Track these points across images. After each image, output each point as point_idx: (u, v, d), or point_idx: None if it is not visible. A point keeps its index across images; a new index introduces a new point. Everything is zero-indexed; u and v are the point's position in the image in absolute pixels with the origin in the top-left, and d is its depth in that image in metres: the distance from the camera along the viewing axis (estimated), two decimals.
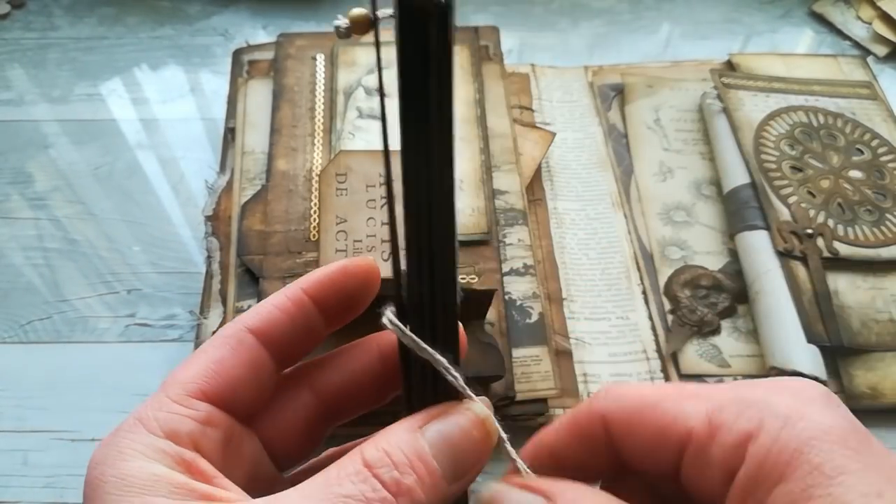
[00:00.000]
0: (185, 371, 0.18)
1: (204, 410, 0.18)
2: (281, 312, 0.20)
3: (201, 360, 0.18)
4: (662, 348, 0.39)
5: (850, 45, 0.55)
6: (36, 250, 0.44)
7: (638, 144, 0.48)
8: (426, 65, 0.15)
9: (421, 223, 0.17)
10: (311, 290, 0.20)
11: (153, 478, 0.16)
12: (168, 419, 0.17)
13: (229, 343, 0.19)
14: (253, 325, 0.19)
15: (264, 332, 0.19)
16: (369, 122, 0.44)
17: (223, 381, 0.18)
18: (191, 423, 0.17)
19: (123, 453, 0.16)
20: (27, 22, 0.56)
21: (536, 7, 0.58)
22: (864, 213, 0.43)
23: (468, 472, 0.18)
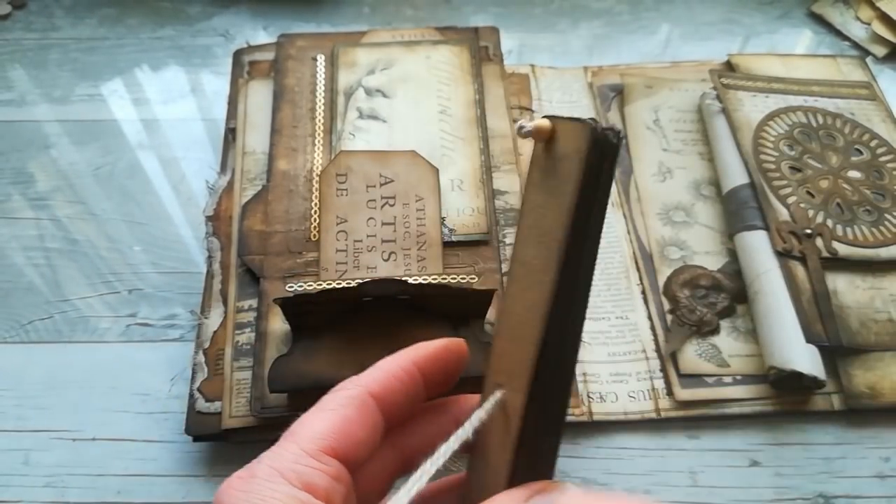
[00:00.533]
0: (315, 425, 0.20)
1: (335, 467, 0.19)
2: (396, 382, 0.21)
3: (330, 417, 0.20)
4: (662, 348, 0.39)
5: (849, 45, 0.55)
6: (37, 250, 0.44)
7: (637, 145, 0.48)
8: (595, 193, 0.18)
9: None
10: (421, 363, 0.22)
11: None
12: (306, 473, 0.18)
13: (355, 404, 0.20)
14: (374, 391, 0.21)
15: (382, 398, 0.21)
16: (369, 122, 0.44)
17: (349, 440, 0.20)
18: (326, 478, 0.19)
19: (269, 502, 0.17)
20: (28, 22, 0.56)
21: (536, 8, 0.58)
22: (862, 213, 0.43)
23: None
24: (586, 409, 0.37)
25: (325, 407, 0.20)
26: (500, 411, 0.20)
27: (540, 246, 0.19)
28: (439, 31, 0.49)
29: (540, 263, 0.19)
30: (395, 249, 0.39)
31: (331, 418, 0.20)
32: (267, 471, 0.18)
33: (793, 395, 0.38)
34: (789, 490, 0.36)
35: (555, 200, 0.18)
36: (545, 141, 0.19)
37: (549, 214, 0.19)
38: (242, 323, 0.38)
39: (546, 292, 0.18)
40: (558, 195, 0.18)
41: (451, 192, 0.41)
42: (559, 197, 0.18)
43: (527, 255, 0.20)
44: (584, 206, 0.18)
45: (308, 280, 0.38)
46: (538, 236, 0.19)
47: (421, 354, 0.22)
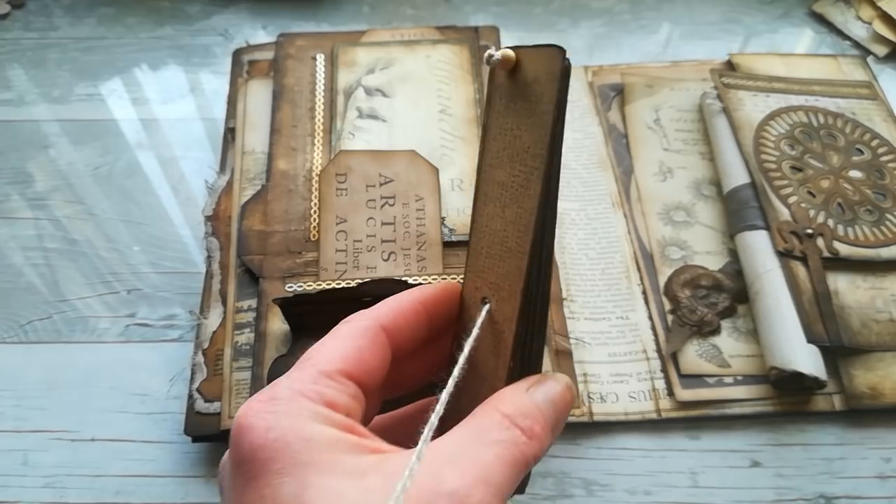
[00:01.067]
0: (331, 351, 0.21)
1: (352, 388, 0.20)
2: (404, 320, 0.23)
3: (345, 345, 0.21)
4: (662, 348, 0.39)
5: (850, 45, 0.55)
6: (36, 250, 0.44)
7: (638, 144, 0.48)
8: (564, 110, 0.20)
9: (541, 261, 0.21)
10: (427, 303, 0.24)
11: (334, 437, 0.18)
12: (326, 392, 0.19)
13: (368, 335, 0.22)
14: (385, 325, 0.22)
15: (391, 332, 0.22)
16: (369, 122, 0.44)
17: (363, 367, 0.21)
18: (346, 397, 0.20)
19: (297, 418, 0.18)
20: (27, 22, 0.56)
21: (536, 7, 0.58)
22: (864, 213, 0.43)
23: (561, 425, 0.22)
24: (587, 409, 0.37)
25: (338, 335, 0.22)
26: (489, 324, 0.22)
27: (518, 164, 0.21)
28: (439, 31, 0.49)
29: (521, 180, 0.20)
30: (394, 249, 0.39)
31: (346, 345, 0.21)
32: (287, 392, 0.19)
33: (794, 395, 0.38)
34: (790, 491, 0.35)
35: (530, 121, 0.20)
36: (508, 70, 0.20)
37: (525, 135, 0.20)
38: (242, 323, 0.38)
39: (533, 205, 0.20)
40: (534, 115, 0.20)
41: (451, 191, 0.41)
42: (536, 116, 0.20)
43: (501, 175, 0.21)
44: (560, 122, 0.20)
45: (308, 280, 0.38)
46: (513, 156, 0.21)
47: (427, 295, 0.24)
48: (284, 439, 0.18)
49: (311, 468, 0.17)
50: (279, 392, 0.19)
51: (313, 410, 0.19)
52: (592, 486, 0.36)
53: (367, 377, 0.21)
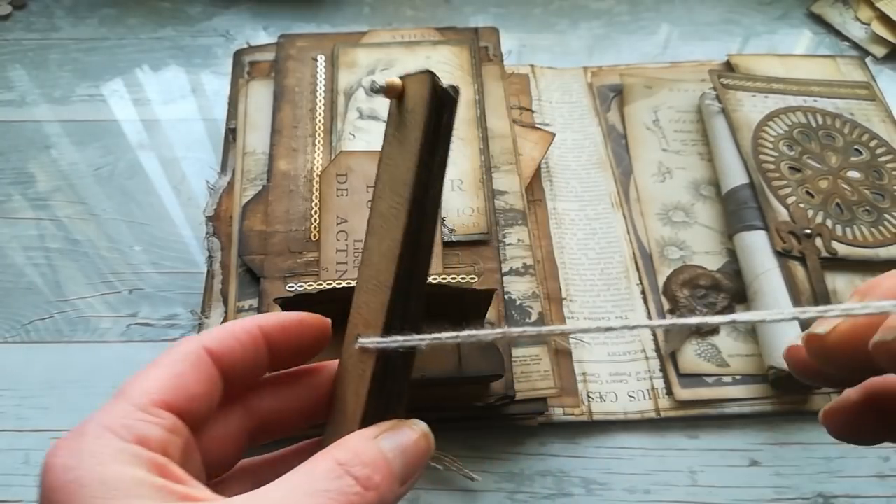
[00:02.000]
0: (145, 381, 0.19)
1: (169, 420, 0.19)
2: (235, 342, 0.21)
3: (162, 373, 0.20)
4: (661, 348, 0.39)
5: (849, 45, 0.55)
6: (37, 250, 0.44)
7: (637, 145, 0.48)
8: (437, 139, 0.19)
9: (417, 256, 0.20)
10: (267, 328, 0.22)
11: (135, 480, 0.16)
12: (137, 426, 0.18)
13: (189, 359, 0.20)
14: (210, 347, 0.20)
15: (218, 356, 0.21)
16: (370, 122, 0.44)
17: (183, 394, 0.19)
18: (159, 430, 0.18)
19: (99, 458, 0.17)
20: (29, 23, 0.56)
21: (536, 8, 0.58)
22: (862, 213, 0.43)
23: (413, 476, 0.20)
24: (586, 408, 0.38)
25: (158, 363, 0.20)
26: (357, 363, 0.21)
27: (393, 195, 0.20)
28: (439, 32, 0.49)
29: (395, 211, 0.20)
30: None
31: (162, 373, 0.19)
32: (95, 429, 0.18)
33: (792, 394, 0.38)
34: (789, 490, 0.36)
35: (404, 149, 0.20)
36: (397, 98, 0.20)
37: (400, 163, 0.20)
38: None
39: (398, 236, 0.19)
40: (407, 143, 0.20)
41: (451, 192, 0.41)
42: (407, 144, 0.20)
43: (383, 206, 0.21)
44: (428, 149, 0.19)
45: (308, 280, 0.38)
46: (391, 187, 0.20)
47: (269, 321, 0.22)
48: (80, 481, 0.16)
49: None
50: (87, 429, 0.18)
51: (118, 448, 0.17)
52: (592, 485, 0.36)
53: (190, 405, 0.19)
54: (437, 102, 0.19)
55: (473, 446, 0.37)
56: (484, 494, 0.36)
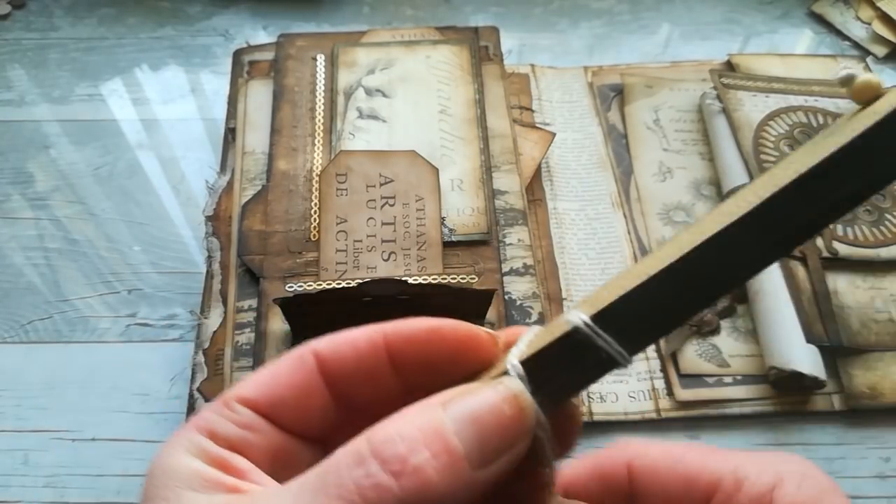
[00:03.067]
0: (246, 379, 0.19)
1: (245, 416, 0.18)
2: (350, 349, 0.19)
3: (262, 372, 0.19)
4: (662, 348, 0.39)
5: (850, 45, 0.55)
6: (36, 250, 0.44)
7: (637, 145, 0.48)
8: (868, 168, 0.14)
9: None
10: (391, 339, 0.19)
11: (189, 471, 0.16)
12: (211, 420, 0.18)
13: (291, 360, 0.19)
14: (319, 351, 0.19)
15: (325, 361, 0.19)
16: (369, 122, 0.44)
17: (269, 393, 0.18)
18: (229, 425, 0.18)
19: (173, 448, 0.17)
20: (28, 22, 0.56)
21: (536, 8, 0.58)
22: (863, 213, 0.43)
23: (499, 457, 0.15)
24: (586, 409, 0.37)
25: (267, 364, 0.19)
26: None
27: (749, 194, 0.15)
28: (439, 31, 0.49)
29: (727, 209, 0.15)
30: (395, 249, 0.39)
31: (263, 372, 0.19)
32: (190, 422, 0.18)
33: (793, 395, 0.38)
34: None
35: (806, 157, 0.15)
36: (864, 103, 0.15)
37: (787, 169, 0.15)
38: (242, 323, 0.38)
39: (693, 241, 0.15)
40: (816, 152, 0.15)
41: (451, 192, 0.41)
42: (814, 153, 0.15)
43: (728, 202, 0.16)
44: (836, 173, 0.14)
45: (308, 280, 0.38)
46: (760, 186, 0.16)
47: (396, 329, 0.19)
48: (153, 470, 0.17)
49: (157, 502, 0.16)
50: (189, 419, 0.18)
51: (189, 440, 0.17)
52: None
53: (277, 406, 0.18)
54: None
55: None
56: None
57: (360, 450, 0.14)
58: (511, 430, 0.16)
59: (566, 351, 0.16)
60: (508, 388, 0.16)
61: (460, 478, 0.14)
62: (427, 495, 0.14)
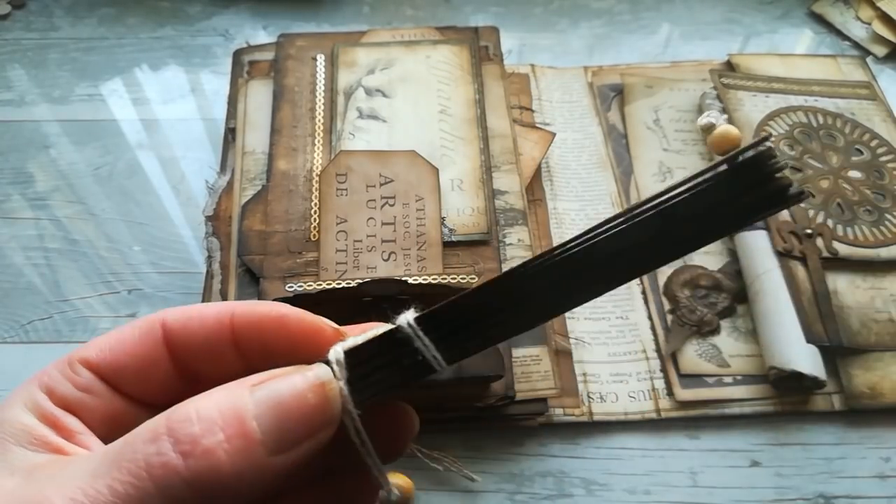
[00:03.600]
0: (92, 342, 0.19)
1: (85, 377, 0.18)
2: (198, 325, 0.19)
3: (106, 338, 0.19)
4: (662, 348, 0.39)
5: (850, 45, 0.55)
6: (36, 250, 0.44)
7: (637, 145, 0.48)
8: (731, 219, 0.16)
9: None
10: (238, 321, 0.19)
11: (20, 426, 0.16)
12: (52, 377, 0.18)
13: (138, 327, 0.19)
14: (167, 321, 0.19)
15: (172, 332, 0.19)
16: (369, 122, 0.44)
17: (112, 358, 0.18)
18: (67, 385, 0.18)
19: (12, 400, 0.17)
20: (28, 22, 0.56)
21: (536, 7, 0.58)
22: (863, 213, 0.43)
23: (296, 444, 0.15)
24: (586, 409, 0.37)
25: (117, 328, 0.19)
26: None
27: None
28: (439, 31, 0.49)
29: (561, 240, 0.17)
30: (395, 249, 0.39)
31: (107, 337, 0.19)
32: (34, 375, 0.18)
33: (793, 395, 0.38)
34: (790, 490, 0.35)
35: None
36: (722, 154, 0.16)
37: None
38: None
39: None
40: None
41: (451, 191, 0.41)
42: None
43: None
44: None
45: (308, 280, 0.38)
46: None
47: (245, 311, 0.19)
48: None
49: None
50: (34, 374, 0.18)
51: (29, 395, 0.17)
52: (592, 486, 0.36)
53: (118, 371, 0.18)
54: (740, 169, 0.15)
55: (473, 447, 0.37)
56: (484, 495, 0.35)
57: (157, 426, 0.14)
58: (313, 419, 0.15)
59: (387, 347, 0.17)
60: (317, 376, 0.16)
61: (253, 463, 0.14)
62: (215, 478, 0.14)
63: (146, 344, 0.19)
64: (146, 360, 0.18)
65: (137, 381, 0.19)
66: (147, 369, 0.18)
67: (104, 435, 0.18)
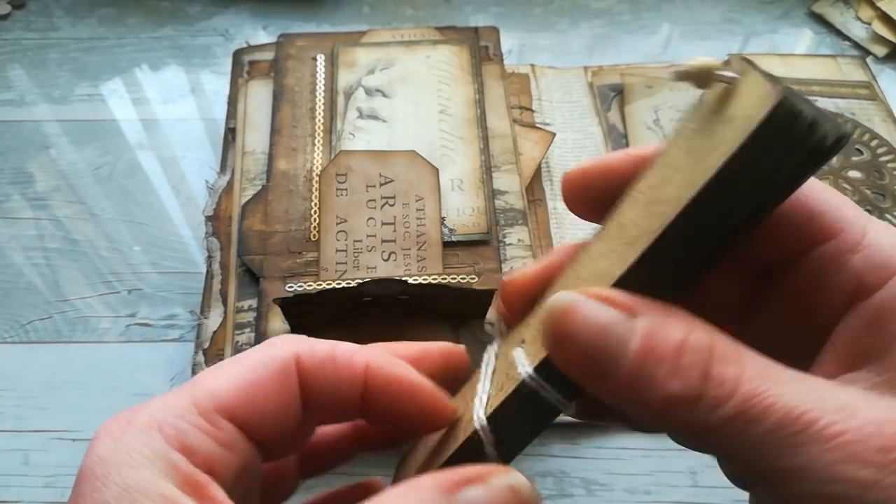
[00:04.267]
0: (216, 381, 0.17)
1: (228, 432, 0.16)
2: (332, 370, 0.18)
3: (237, 376, 0.17)
4: None
5: (850, 45, 0.55)
6: (36, 250, 0.44)
7: (638, 145, 0.48)
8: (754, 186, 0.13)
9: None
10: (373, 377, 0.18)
11: (159, 496, 0.14)
12: (188, 432, 0.16)
13: (273, 367, 0.17)
14: (302, 362, 0.17)
15: (307, 374, 0.17)
16: (369, 122, 0.44)
17: (253, 406, 0.16)
18: (212, 443, 0.16)
19: (134, 458, 0.15)
20: (28, 22, 0.56)
21: (536, 7, 0.58)
22: None
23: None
24: None
25: (239, 360, 0.17)
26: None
27: (646, 214, 0.15)
28: (439, 31, 0.49)
29: (635, 232, 0.15)
30: (394, 249, 0.39)
31: (240, 376, 0.17)
32: (146, 419, 0.15)
33: None
34: None
35: (690, 169, 0.14)
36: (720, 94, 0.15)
37: (675, 182, 0.14)
38: (242, 323, 0.38)
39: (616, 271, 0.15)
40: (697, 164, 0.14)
41: (451, 191, 0.41)
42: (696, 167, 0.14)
43: (627, 216, 0.16)
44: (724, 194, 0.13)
45: (308, 280, 0.38)
46: (651, 202, 0.15)
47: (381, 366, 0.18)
48: (106, 478, 0.14)
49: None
50: (139, 415, 0.16)
51: (158, 452, 0.15)
52: (592, 486, 0.36)
53: (258, 421, 0.17)
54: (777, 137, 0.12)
55: None
56: None
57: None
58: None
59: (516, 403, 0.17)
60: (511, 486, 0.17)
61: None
62: None
63: (283, 386, 0.17)
64: (283, 405, 0.17)
65: (272, 427, 0.17)
66: (283, 414, 0.17)
67: (228, 489, 0.16)
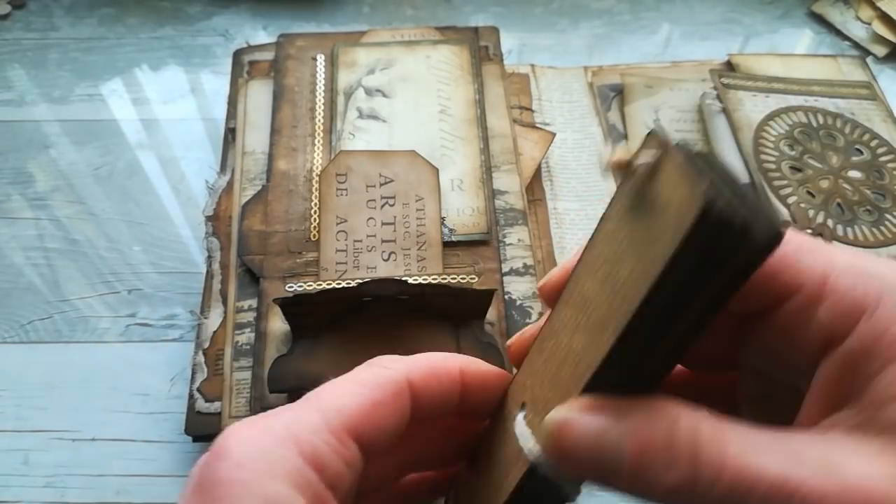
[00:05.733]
0: (344, 399, 0.18)
1: (353, 452, 0.17)
2: (436, 383, 0.19)
3: (360, 396, 0.18)
4: None
5: (850, 45, 0.55)
6: (36, 250, 0.44)
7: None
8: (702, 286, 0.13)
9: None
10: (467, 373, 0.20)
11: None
12: (321, 450, 0.16)
13: (392, 390, 0.18)
14: (416, 382, 0.19)
15: (417, 393, 0.19)
16: (369, 122, 0.44)
17: (374, 427, 0.18)
18: (339, 461, 0.17)
19: (274, 470, 0.15)
20: (28, 22, 0.56)
21: (536, 7, 0.58)
22: (863, 213, 0.43)
23: None
24: None
25: (358, 380, 0.18)
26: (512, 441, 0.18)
27: (608, 291, 0.15)
28: (439, 31, 0.49)
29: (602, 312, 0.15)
30: (395, 249, 0.39)
31: (363, 397, 0.18)
32: (283, 432, 0.16)
33: None
34: None
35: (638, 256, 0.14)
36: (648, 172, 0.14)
37: (628, 265, 0.14)
38: (242, 323, 0.38)
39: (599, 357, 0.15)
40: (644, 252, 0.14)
41: (451, 191, 0.41)
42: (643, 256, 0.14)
43: (588, 290, 0.16)
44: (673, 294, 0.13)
45: (308, 280, 0.38)
46: (608, 279, 0.15)
47: (471, 367, 0.20)
48: (246, 486, 0.15)
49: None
50: (275, 425, 0.16)
51: (295, 467, 0.16)
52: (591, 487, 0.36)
53: (375, 439, 0.18)
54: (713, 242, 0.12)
55: None
56: None
57: None
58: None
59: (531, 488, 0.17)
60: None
61: None
62: None
63: (399, 407, 0.18)
64: (399, 424, 0.18)
65: (387, 444, 0.18)
66: (398, 432, 0.18)
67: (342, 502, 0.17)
